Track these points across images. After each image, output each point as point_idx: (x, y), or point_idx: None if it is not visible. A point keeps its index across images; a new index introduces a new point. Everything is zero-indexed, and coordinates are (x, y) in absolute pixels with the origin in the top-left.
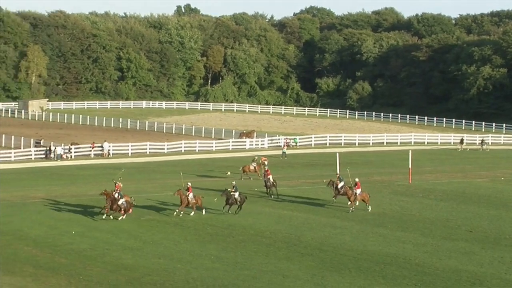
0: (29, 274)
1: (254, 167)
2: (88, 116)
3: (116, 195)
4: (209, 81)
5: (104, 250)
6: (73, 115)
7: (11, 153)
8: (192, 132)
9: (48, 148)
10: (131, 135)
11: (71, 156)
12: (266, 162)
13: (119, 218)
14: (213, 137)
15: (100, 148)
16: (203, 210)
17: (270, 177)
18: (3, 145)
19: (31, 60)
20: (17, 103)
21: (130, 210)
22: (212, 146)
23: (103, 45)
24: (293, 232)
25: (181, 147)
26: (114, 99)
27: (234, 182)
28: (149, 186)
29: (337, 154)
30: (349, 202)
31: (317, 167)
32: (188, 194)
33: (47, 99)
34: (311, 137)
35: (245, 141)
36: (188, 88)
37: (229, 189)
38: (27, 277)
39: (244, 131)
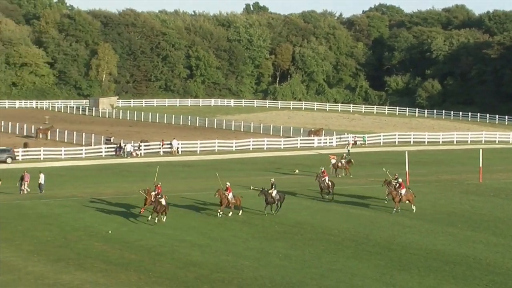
0: (99, 270)
1: (342, 163)
2: (157, 114)
3: (156, 195)
4: (278, 79)
5: (173, 247)
6: (142, 113)
7: (82, 150)
8: (260, 130)
9: (118, 146)
10: (200, 133)
11: (140, 153)
12: (333, 161)
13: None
14: (281, 135)
15: (169, 146)
16: (240, 211)
17: (326, 178)
18: (74, 142)
19: (102, 58)
20: (88, 100)
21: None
22: (280, 144)
23: (172, 43)
24: (362, 230)
25: (249, 145)
26: (183, 97)
27: (273, 180)
28: (218, 183)
29: (406, 153)
30: (395, 203)
31: (386, 166)
32: (228, 194)
33: (117, 97)
34: (380, 136)
35: (313, 139)
36: (256, 86)
37: (266, 188)
38: (98, 273)
39: (313, 129)
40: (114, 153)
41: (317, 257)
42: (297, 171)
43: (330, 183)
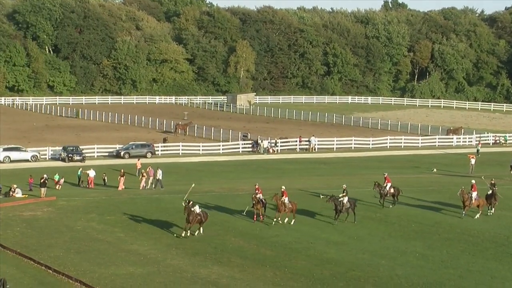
0: (236, 265)
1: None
2: (294, 111)
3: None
4: (416, 76)
5: (308, 244)
6: (279, 109)
7: (219, 146)
8: (398, 128)
9: (254, 142)
10: (336, 130)
11: (277, 150)
12: (473, 161)
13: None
14: (419, 133)
15: (307, 143)
16: (293, 220)
17: (389, 184)
18: (212, 138)
19: (240, 55)
20: (225, 97)
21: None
22: (418, 142)
23: (310, 40)
24: (502, 231)
25: (386, 143)
26: (320, 94)
27: (344, 186)
28: (354, 181)
29: None
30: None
31: None
32: (284, 198)
33: (255, 93)
34: None
35: (452, 138)
36: (394, 83)
37: (337, 195)
38: (234, 268)
39: (451, 128)
40: (251, 149)
41: (455, 258)
42: (435, 170)
43: (393, 190)
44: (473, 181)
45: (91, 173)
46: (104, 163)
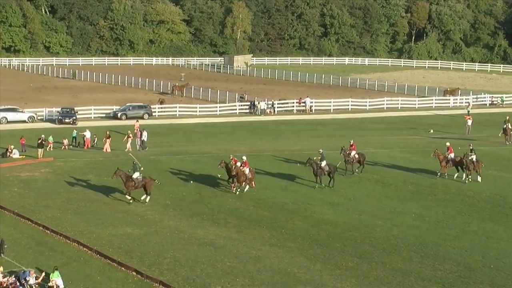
0: (233, 225)
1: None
2: (291, 72)
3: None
4: (413, 37)
5: (305, 205)
6: (276, 71)
7: (216, 107)
8: (395, 89)
9: (252, 103)
10: (333, 92)
11: (274, 110)
12: (469, 122)
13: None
14: (415, 94)
15: (303, 104)
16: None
17: (353, 152)
18: (209, 99)
19: (236, 16)
20: (222, 58)
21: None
22: (415, 104)
23: (307, 1)
24: (498, 192)
25: (383, 104)
26: (317, 55)
27: (321, 150)
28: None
29: None
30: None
31: None
32: (245, 169)
33: (252, 55)
34: None
35: (449, 99)
36: (391, 44)
37: (314, 158)
38: (231, 228)
39: (448, 89)
40: (248, 110)
41: (451, 218)
42: (431, 131)
43: (358, 155)
44: (448, 143)
45: (87, 134)
46: (101, 124)
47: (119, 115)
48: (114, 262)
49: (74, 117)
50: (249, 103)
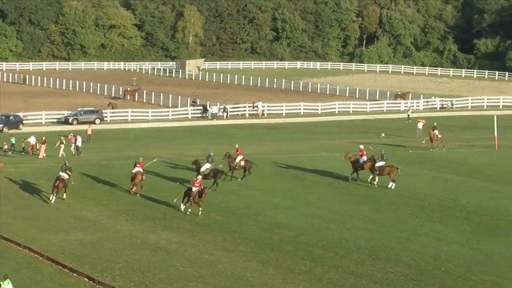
0: (186, 230)
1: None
2: (243, 76)
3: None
4: (364, 42)
5: (258, 209)
6: (228, 75)
7: (168, 112)
8: (346, 93)
9: (204, 107)
10: (285, 96)
11: (226, 115)
12: (420, 125)
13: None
14: (367, 98)
15: (255, 108)
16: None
17: (240, 157)
18: (161, 103)
19: (188, 20)
20: (174, 62)
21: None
22: (367, 108)
23: (259, 5)
24: (448, 195)
25: (335, 108)
26: (269, 59)
27: (211, 153)
28: (303, 146)
29: (495, 117)
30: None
31: (474, 130)
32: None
33: (204, 59)
34: (468, 99)
35: (400, 103)
36: (342, 49)
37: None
38: (184, 233)
39: (399, 93)
40: (200, 115)
41: (402, 221)
42: (383, 134)
43: (243, 163)
44: (361, 146)
45: (32, 139)
46: (52, 129)
47: (70, 120)
48: (66, 268)
49: (1, 125)
50: (201, 108)
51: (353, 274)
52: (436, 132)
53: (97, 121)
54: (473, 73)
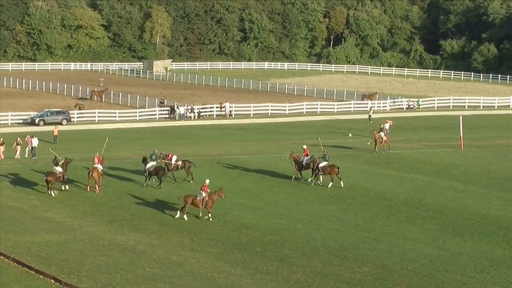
0: (153, 231)
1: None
2: (211, 77)
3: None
4: (331, 42)
5: (225, 209)
6: (196, 76)
7: (136, 112)
8: (314, 93)
9: (171, 108)
10: (253, 96)
11: (194, 116)
12: (387, 125)
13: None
14: (334, 98)
15: (223, 109)
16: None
17: (174, 158)
18: (128, 104)
19: (155, 21)
20: (142, 63)
21: None
22: (334, 108)
23: (226, 6)
24: (415, 194)
25: (302, 108)
26: (237, 60)
27: (156, 150)
28: (271, 146)
29: (461, 117)
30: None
31: (440, 130)
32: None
33: (171, 60)
34: (434, 100)
35: (367, 103)
36: (310, 49)
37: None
38: (152, 234)
39: (366, 93)
40: (167, 115)
41: (369, 221)
42: (350, 135)
43: (180, 162)
44: (305, 146)
45: None
46: (18, 130)
47: (36, 121)
48: (32, 270)
49: None
50: (168, 108)
51: (320, 274)
52: (382, 134)
53: (64, 122)
54: (439, 74)
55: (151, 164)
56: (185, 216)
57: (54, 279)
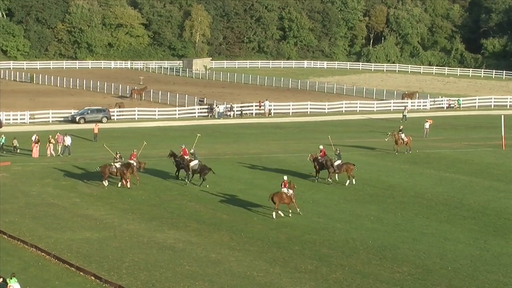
0: (192, 229)
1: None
2: (250, 75)
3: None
4: (371, 41)
5: (264, 208)
6: (235, 74)
7: (175, 111)
8: (353, 92)
9: (210, 106)
10: (292, 95)
11: (233, 114)
12: (427, 125)
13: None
14: (374, 97)
15: (262, 107)
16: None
17: (133, 161)
18: (167, 103)
19: (195, 19)
20: (181, 62)
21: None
22: (373, 107)
23: (265, 4)
24: (455, 194)
25: (342, 107)
26: (276, 58)
27: (192, 150)
28: (310, 145)
29: (503, 116)
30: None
31: (481, 130)
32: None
33: (211, 58)
34: (475, 99)
35: (407, 102)
36: (349, 48)
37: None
38: (191, 232)
39: (406, 92)
40: (206, 114)
41: (409, 221)
42: (389, 133)
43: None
44: (321, 147)
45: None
46: (59, 128)
47: (77, 118)
48: (73, 266)
49: None
50: (208, 107)
51: (359, 273)
52: (403, 135)
53: (104, 120)
54: (480, 73)
55: (194, 162)
56: (280, 213)
57: (95, 276)
